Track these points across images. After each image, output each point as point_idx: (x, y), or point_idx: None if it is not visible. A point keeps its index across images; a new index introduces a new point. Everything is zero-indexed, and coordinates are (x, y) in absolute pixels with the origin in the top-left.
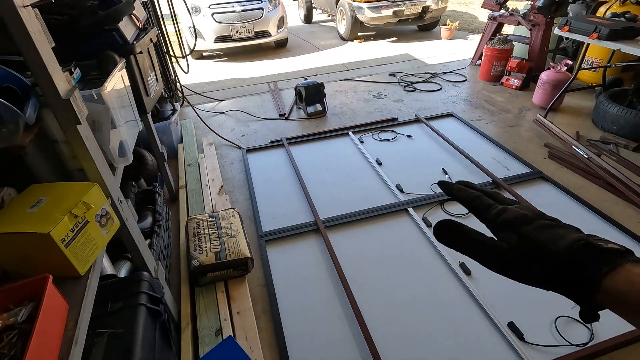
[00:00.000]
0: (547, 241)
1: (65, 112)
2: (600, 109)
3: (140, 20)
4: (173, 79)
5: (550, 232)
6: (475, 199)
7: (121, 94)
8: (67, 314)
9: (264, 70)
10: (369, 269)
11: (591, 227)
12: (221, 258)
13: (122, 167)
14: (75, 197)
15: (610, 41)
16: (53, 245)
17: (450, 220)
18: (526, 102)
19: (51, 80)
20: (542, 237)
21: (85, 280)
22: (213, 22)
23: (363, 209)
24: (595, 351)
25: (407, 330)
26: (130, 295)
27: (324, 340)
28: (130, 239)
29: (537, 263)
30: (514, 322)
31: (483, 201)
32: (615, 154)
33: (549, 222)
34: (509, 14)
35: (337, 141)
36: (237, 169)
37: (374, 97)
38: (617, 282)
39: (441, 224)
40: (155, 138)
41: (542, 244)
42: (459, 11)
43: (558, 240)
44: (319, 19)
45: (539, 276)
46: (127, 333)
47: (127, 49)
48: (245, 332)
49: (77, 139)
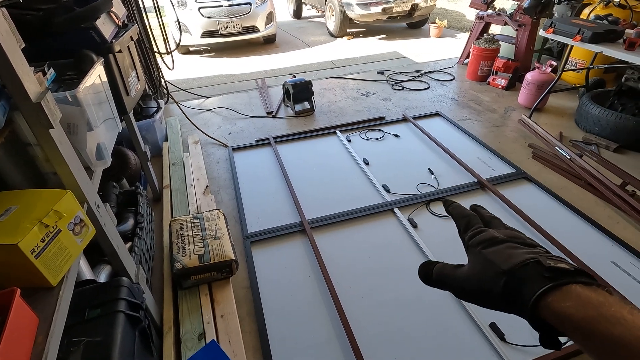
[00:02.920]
0: (499, 260)
1: (36, 116)
2: (582, 110)
3: (119, 17)
4: (157, 76)
5: (508, 252)
6: (464, 218)
7: (99, 94)
8: (36, 328)
9: (252, 67)
10: (354, 270)
11: (572, 227)
12: (205, 261)
13: (100, 171)
14: (46, 205)
15: (592, 44)
16: (22, 257)
17: (424, 263)
18: (512, 102)
19: (20, 84)
20: (496, 256)
21: (58, 291)
22: (200, 16)
23: (349, 210)
24: (573, 350)
25: (391, 331)
26: (108, 302)
27: (309, 343)
28: (109, 244)
29: (489, 283)
30: (496, 323)
31: (469, 222)
32: (596, 154)
33: (515, 244)
34: (496, 14)
35: (325, 140)
36: (223, 168)
37: (362, 95)
38: (560, 301)
39: (419, 269)
40: (138, 137)
41: (493, 262)
42: (448, 9)
43: (509, 259)
44: (309, 14)
45: (492, 296)
46: (105, 341)
47: (105, 48)
48: (228, 335)
49: (50, 144)
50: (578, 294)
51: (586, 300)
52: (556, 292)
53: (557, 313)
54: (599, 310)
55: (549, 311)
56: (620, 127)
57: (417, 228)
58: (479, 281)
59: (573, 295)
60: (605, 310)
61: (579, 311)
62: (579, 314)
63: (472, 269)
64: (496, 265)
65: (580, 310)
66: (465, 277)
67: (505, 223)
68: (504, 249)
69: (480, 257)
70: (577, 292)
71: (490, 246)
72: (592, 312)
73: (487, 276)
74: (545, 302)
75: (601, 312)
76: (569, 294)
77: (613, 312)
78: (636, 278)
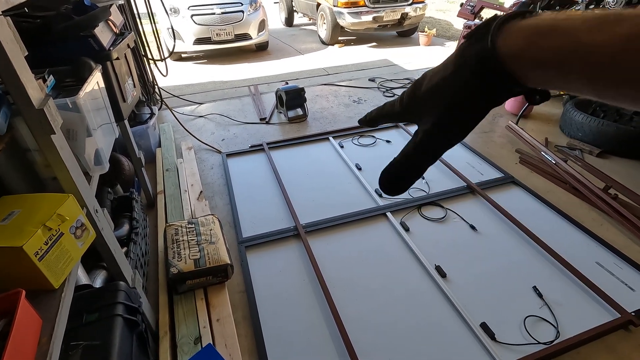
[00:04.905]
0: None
1: (39, 122)
2: (567, 117)
3: (117, 25)
4: (151, 82)
5: (436, 69)
6: (382, 108)
7: (97, 101)
8: (40, 329)
9: (245, 74)
10: (348, 274)
11: (558, 230)
12: (200, 265)
13: (97, 176)
14: (49, 209)
15: None
16: (26, 259)
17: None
18: (499, 109)
19: (24, 90)
20: (435, 78)
21: (60, 293)
22: (192, 23)
23: (343, 214)
24: (561, 348)
25: (385, 332)
26: (106, 306)
27: (304, 345)
28: (107, 248)
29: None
30: (486, 323)
31: (387, 104)
32: (580, 159)
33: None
34: None
35: (318, 146)
36: (217, 173)
37: (354, 102)
38: (505, 42)
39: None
40: (132, 143)
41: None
42: (437, 18)
43: (447, 65)
44: (300, 22)
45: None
46: (103, 345)
47: (103, 55)
48: (225, 339)
49: (51, 149)
50: (514, 28)
51: (522, 28)
52: (498, 40)
53: (508, 57)
54: (537, 31)
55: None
56: (602, 133)
57: (409, 231)
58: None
59: (510, 32)
60: (543, 28)
61: (521, 42)
62: (523, 44)
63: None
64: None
65: (522, 40)
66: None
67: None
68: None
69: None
70: (512, 28)
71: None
72: (532, 36)
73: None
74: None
75: (539, 32)
76: (506, 33)
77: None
78: (619, 278)
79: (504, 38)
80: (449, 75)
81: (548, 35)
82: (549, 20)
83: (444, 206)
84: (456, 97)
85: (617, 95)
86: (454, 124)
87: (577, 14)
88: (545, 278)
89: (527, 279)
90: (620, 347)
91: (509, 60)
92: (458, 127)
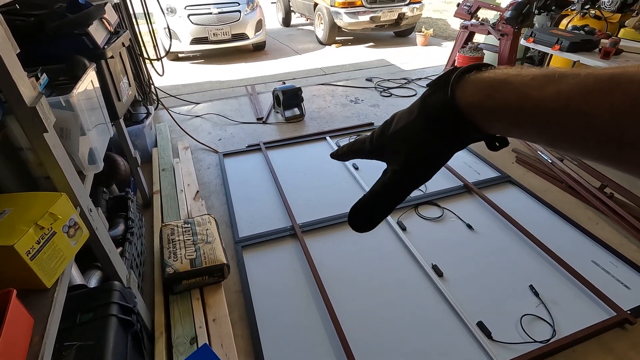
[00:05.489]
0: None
1: (31, 121)
2: None
3: (111, 24)
4: (147, 81)
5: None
6: (354, 143)
7: (91, 99)
8: (32, 329)
9: (242, 73)
10: (345, 273)
11: (554, 228)
12: (196, 265)
13: (92, 175)
14: (41, 208)
15: (570, 53)
16: (18, 258)
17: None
18: None
19: (16, 88)
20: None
21: (52, 293)
22: (189, 23)
23: (340, 214)
24: (557, 346)
25: (382, 332)
26: (100, 305)
27: (301, 345)
28: (101, 248)
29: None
30: (483, 322)
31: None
32: (576, 159)
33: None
34: (479, 24)
35: (315, 145)
36: (214, 173)
37: (351, 101)
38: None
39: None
40: (128, 142)
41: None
42: (434, 18)
43: (412, 111)
44: (297, 22)
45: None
46: (97, 345)
47: (97, 54)
48: (221, 339)
49: (44, 148)
50: (471, 81)
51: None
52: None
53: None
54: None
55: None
56: None
57: (406, 231)
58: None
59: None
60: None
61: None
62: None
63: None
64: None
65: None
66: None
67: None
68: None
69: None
70: (469, 80)
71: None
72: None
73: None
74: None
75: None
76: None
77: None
78: (615, 276)
79: (462, 89)
80: (413, 120)
81: (500, 88)
82: (502, 75)
83: (441, 205)
84: (418, 142)
85: (569, 147)
86: (419, 166)
87: (528, 71)
88: (542, 277)
89: (523, 278)
90: (616, 345)
91: (467, 109)
92: (423, 169)
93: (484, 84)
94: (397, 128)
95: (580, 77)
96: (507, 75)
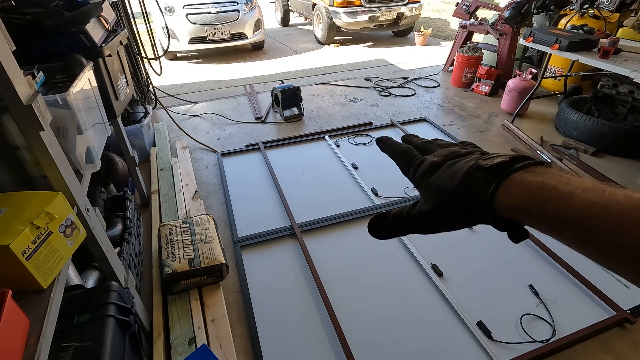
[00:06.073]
0: (445, 183)
1: (27, 119)
2: (562, 116)
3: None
4: (145, 81)
5: (449, 171)
6: (402, 155)
7: (89, 98)
8: (28, 330)
9: (240, 73)
10: (344, 273)
11: None
12: (195, 265)
13: (89, 174)
14: (37, 207)
15: (569, 52)
16: (13, 258)
17: (376, 215)
18: (495, 108)
19: (11, 86)
20: (442, 180)
21: (49, 293)
22: (187, 22)
23: (339, 213)
24: (557, 346)
25: (382, 332)
26: (98, 306)
27: (300, 345)
28: (98, 248)
29: (446, 207)
30: (483, 321)
31: (407, 157)
32: (575, 158)
33: (453, 161)
34: (478, 23)
35: (314, 145)
36: (212, 173)
37: (350, 101)
38: (506, 195)
39: (369, 223)
40: (126, 142)
41: (442, 187)
42: (433, 18)
43: (453, 177)
44: (296, 22)
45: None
46: (95, 346)
47: (95, 52)
48: (219, 339)
49: (40, 146)
50: (518, 182)
51: (526, 186)
52: (500, 189)
53: (507, 208)
54: (540, 193)
55: (502, 209)
56: (597, 131)
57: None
58: (437, 209)
59: (514, 186)
60: (545, 191)
61: (522, 199)
62: (524, 202)
63: (428, 200)
64: (445, 189)
65: (524, 198)
66: (424, 210)
67: (437, 138)
68: (445, 170)
69: (429, 188)
70: (516, 181)
71: (433, 173)
72: (534, 197)
73: (443, 201)
74: (496, 202)
75: (541, 194)
76: (511, 185)
77: (551, 191)
78: (614, 276)
79: (506, 190)
80: (450, 192)
81: (551, 198)
82: (552, 182)
83: None
84: (448, 209)
85: (604, 258)
86: (442, 222)
87: (578, 182)
88: (541, 276)
89: (523, 278)
90: (616, 345)
91: (508, 209)
92: (445, 225)
93: (532, 190)
94: (436, 183)
95: (633, 200)
96: (558, 183)
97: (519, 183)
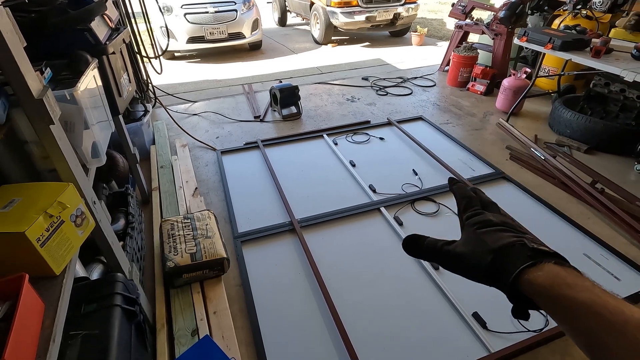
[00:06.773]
0: (490, 240)
1: (38, 113)
2: (555, 114)
3: (112, 20)
4: (145, 80)
5: (499, 234)
6: (467, 199)
7: (94, 94)
8: (43, 313)
9: (238, 72)
10: (343, 267)
11: (547, 223)
12: (197, 259)
13: (94, 168)
14: (50, 197)
15: (562, 51)
16: (28, 245)
17: (412, 235)
18: (490, 107)
19: (24, 80)
20: (488, 237)
21: (61, 279)
22: (185, 22)
23: (337, 209)
24: (549, 335)
25: (380, 323)
26: (104, 296)
27: (301, 336)
28: (105, 240)
29: (478, 258)
30: (478, 312)
31: (470, 202)
32: (568, 155)
33: (507, 228)
34: (473, 24)
35: (312, 143)
36: (212, 170)
37: (347, 100)
38: (538, 277)
39: (405, 240)
40: (127, 139)
41: (485, 242)
42: (429, 18)
43: (499, 240)
44: (293, 22)
45: (479, 270)
46: (102, 334)
47: (99, 49)
48: (222, 331)
49: (50, 140)
50: (551, 269)
51: (556, 273)
52: (533, 268)
53: (531, 283)
54: (564, 280)
55: (525, 282)
56: (590, 129)
57: (402, 226)
58: (469, 257)
59: (546, 269)
60: (570, 280)
61: (547, 280)
62: (548, 282)
63: (465, 245)
64: (487, 244)
65: (549, 280)
66: (458, 252)
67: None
68: (496, 231)
69: (474, 236)
70: (550, 268)
71: (485, 227)
72: (558, 280)
73: (478, 253)
74: (523, 276)
75: (566, 281)
76: (543, 268)
77: (575, 281)
78: (606, 268)
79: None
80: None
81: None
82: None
83: (436, 201)
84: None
85: None
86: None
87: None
88: None
89: None
90: None
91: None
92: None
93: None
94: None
95: None
96: (583, 281)
97: (550, 269)
